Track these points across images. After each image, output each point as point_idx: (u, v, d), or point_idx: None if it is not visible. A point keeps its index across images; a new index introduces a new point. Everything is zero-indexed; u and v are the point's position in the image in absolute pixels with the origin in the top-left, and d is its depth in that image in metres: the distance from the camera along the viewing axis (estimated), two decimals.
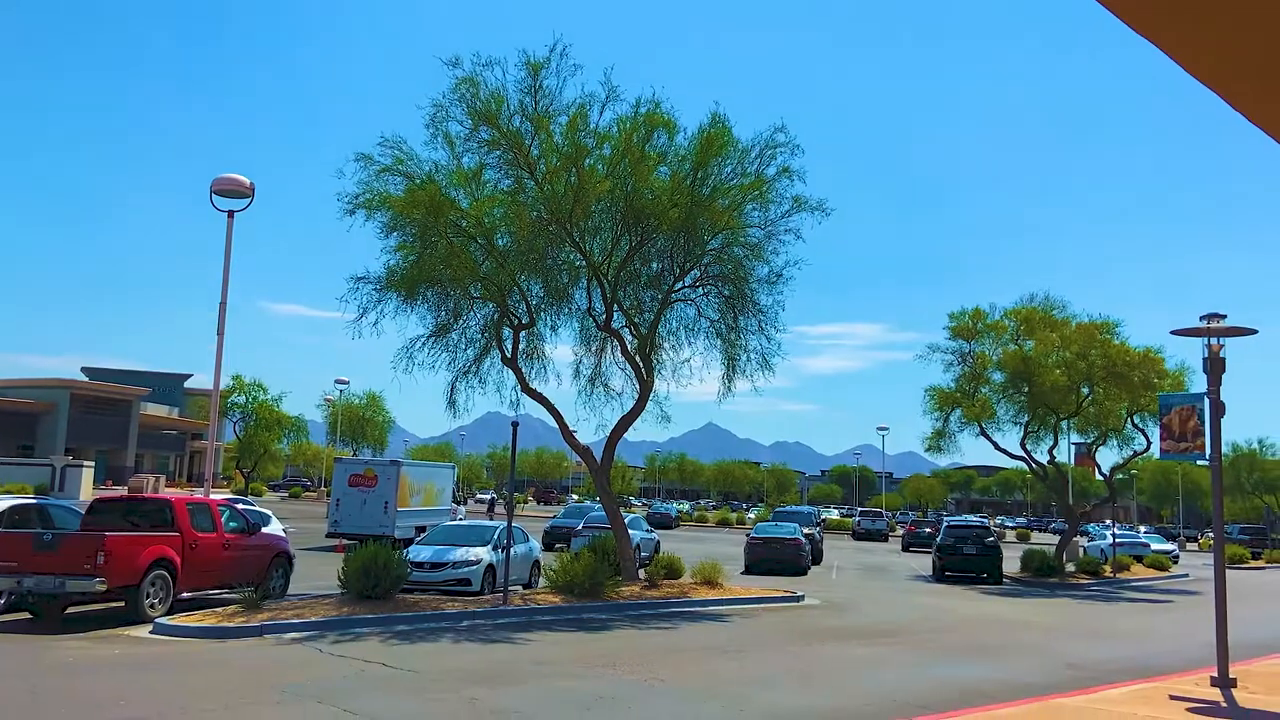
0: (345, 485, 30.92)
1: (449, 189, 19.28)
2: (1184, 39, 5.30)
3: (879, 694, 11.10)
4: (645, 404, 21.36)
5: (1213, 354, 12.42)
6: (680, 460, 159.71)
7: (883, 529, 62.42)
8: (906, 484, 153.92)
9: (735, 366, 21.39)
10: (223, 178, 19.36)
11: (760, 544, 30.26)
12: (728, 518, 77.91)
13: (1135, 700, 10.81)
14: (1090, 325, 32.34)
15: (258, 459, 79.96)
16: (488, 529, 20.53)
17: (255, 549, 17.09)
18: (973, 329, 33.90)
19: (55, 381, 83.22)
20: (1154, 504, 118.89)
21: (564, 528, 35.33)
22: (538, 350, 22.07)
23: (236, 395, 75.14)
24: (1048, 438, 35.22)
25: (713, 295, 21.45)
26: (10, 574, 13.82)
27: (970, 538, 31.93)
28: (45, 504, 17.61)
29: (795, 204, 20.14)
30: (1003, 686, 11.75)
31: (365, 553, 16.39)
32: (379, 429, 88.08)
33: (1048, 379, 31.61)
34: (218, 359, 19.65)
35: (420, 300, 19.88)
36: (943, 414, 34.54)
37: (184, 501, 16.40)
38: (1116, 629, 20.05)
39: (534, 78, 18.93)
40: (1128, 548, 40.78)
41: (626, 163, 19.16)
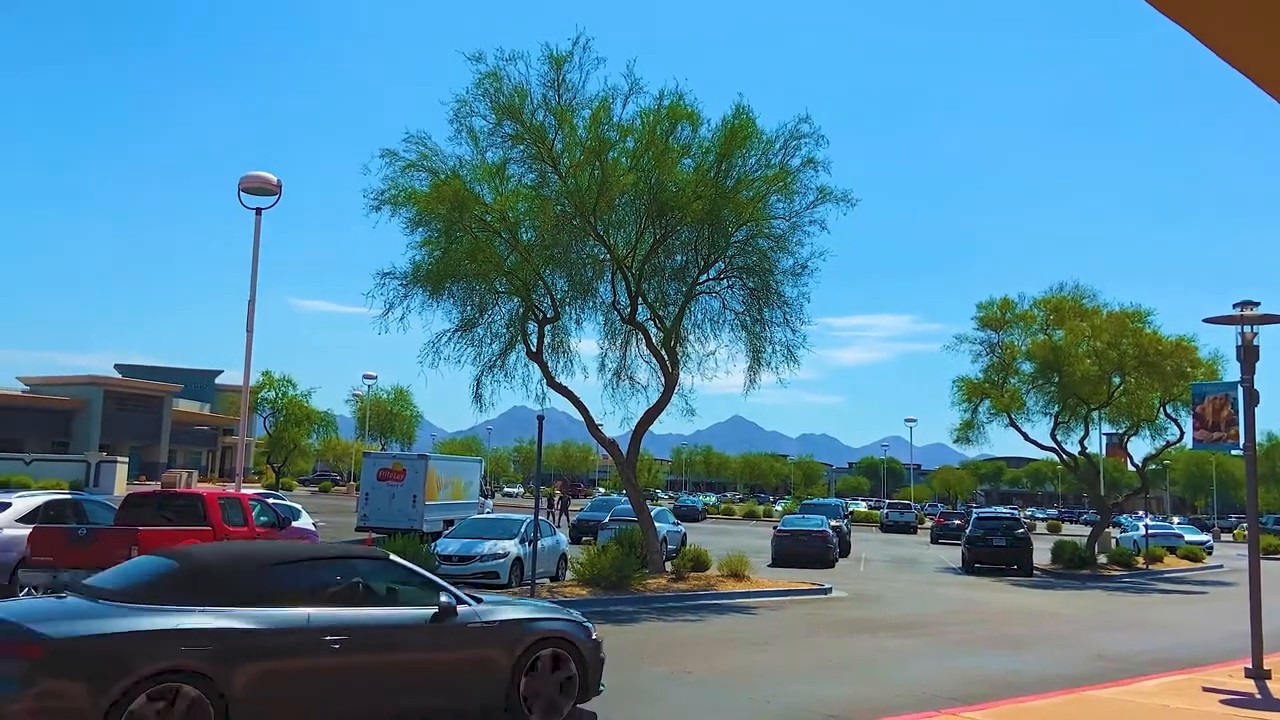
0: (374, 479, 31.15)
1: (473, 184, 19.34)
2: (1221, 24, 5.21)
3: (908, 686, 11.04)
4: (670, 397, 21.35)
5: (1246, 342, 12.23)
6: (706, 453, 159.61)
7: (911, 521, 62.06)
8: (935, 476, 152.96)
9: (760, 359, 21.34)
10: (250, 175, 19.55)
11: (787, 536, 30.18)
12: (754, 510, 77.76)
13: (1168, 692, 10.69)
14: (1121, 314, 31.96)
15: (288, 454, 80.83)
16: (515, 522, 20.63)
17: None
18: (1001, 319, 33.62)
19: (89, 379, 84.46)
20: (1188, 494, 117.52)
21: (591, 521, 35.44)
22: (563, 344, 22.13)
23: (267, 391, 75.98)
24: (1078, 428, 34.90)
25: (737, 287, 21.39)
26: (46, 568, 14.03)
27: (1000, 529, 31.68)
28: (80, 499, 17.86)
29: (820, 195, 20.05)
30: (1033, 678, 11.66)
31: (394, 546, 16.52)
32: (407, 423, 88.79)
33: (1078, 369, 31.29)
34: (247, 355, 19.87)
35: (446, 295, 19.97)
36: (971, 405, 34.30)
37: (216, 496, 16.58)
38: (1149, 620, 19.84)
39: (557, 71, 18.94)
40: (1161, 539, 40.27)
41: (650, 155, 19.13)
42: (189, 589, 7.12)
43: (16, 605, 7.48)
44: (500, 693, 8.08)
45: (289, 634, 7.15)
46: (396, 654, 7.72)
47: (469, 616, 8.14)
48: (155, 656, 6.52)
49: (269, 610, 7.16)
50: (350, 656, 7.37)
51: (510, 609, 8.68)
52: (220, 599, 7.05)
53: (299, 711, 7.15)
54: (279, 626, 7.13)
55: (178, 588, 7.14)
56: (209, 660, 6.67)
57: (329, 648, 7.26)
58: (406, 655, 7.78)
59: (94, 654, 6.41)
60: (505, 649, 8.19)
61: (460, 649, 8.04)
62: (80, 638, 6.43)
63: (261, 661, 6.94)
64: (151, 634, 6.61)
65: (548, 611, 9.05)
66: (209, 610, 6.91)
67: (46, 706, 6.18)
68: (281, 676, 7.04)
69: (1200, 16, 5.15)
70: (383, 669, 7.57)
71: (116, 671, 6.35)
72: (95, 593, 7.19)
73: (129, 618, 6.68)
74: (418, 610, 7.95)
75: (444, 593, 8.13)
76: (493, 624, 8.28)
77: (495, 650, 8.15)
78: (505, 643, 8.23)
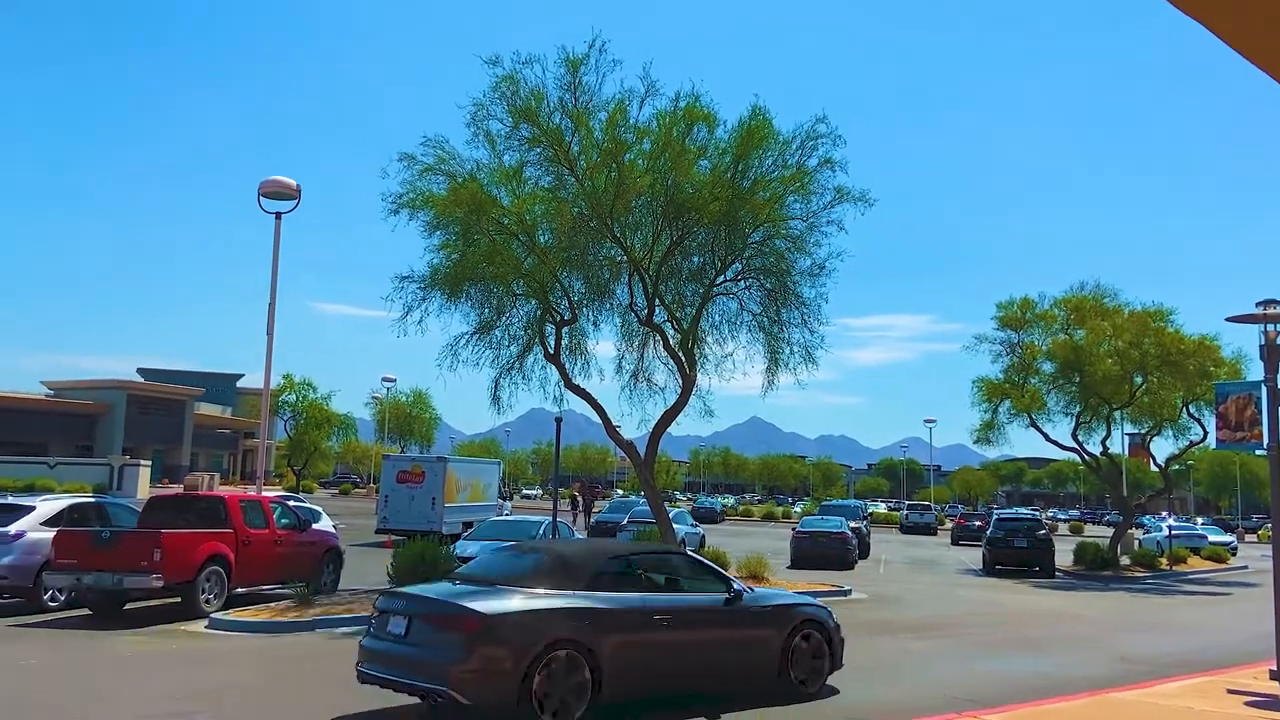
0: (393, 482, 31.29)
1: (490, 187, 19.39)
2: None
3: (929, 688, 10.99)
4: (688, 398, 21.31)
5: (1269, 340, 12.10)
6: (724, 454, 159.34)
7: (931, 523, 61.78)
8: (955, 477, 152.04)
9: (778, 360, 21.26)
10: (270, 180, 19.70)
11: (806, 538, 30.09)
12: (773, 512, 77.57)
13: (1191, 694, 10.60)
14: (1143, 313, 31.68)
15: (308, 456, 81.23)
16: (533, 525, 20.67)
17: (306, 545, 17.36)
18: (1021, 319, 33.41)
19: (113, 383, 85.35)
20: (1211, 495, 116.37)
21: (609, 522, 35.46)
22: (580, 346, 22.13)
23: (287, 394, 76.39)
24: (1100, 428, 34.62)
25: (754, 288, 21.33)
26: (70, 571, 14.18)
27: (1021, 530, 31.48)
28: (103, 502, 18.03)
29: (837, 195, 19.95)
30: (1055, 680, 11.58)
31: (414, 548, 16.59)
32: (426, 426, 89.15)
33: (1100, 369, 31.04)
34: (268, 359, 20.02)
35: (464, 298, 20.01)
36: (991, 405, 34.09)
37: (237, 499, 16.71)
38: (1172, 622, 19.66)
39: (573, 74, 18.95)
40: (1184, 540, 39.87)
41: (667, 157, 19.12)
42: (561, 577, 8.90)
43: (440, 589, 9.09)
44: (774, 663, 9.95)
45: (632, 613, 8.98)
46: (702, 631, 9.58)
47: (750, 601, 10.06)
48: (554, 629, 8.31)
49: (617, 594, 9.03)
50: (672, 632, 9.22)
51: (779, 597, 10.93)
52: (584, 586, 8.86)
53: (641, 672, 8.93)
54: (626, 607, 8.98)
55: (552, 576, 8.91)
56: (586, 632, 8.48)
57: (659, 624, 9.13)
58: (709, 632, 9.63)
59: (515, 627, 8.18)
60: (777, 628, 10.05)
61: (746, 627, 9.92)
62: (505, 614, 8.21)
63: (618, 634, 8.73)
64: (550, 611, 8.44)
65: (804, 600, 11.09)
66: (580, 594, 8.75)
67: (484, 668, 7.95)
68: (631, 646, 8.84)
69: (1202, 4, 5.11)
70: (694, 642, 9.46)
71: (532, 640, 8.14)
72: (474, 580, 9.08)
73: (532, 599, 8.49)
74: (714, 596, 9.85)
75: (733, 582, 10.16)
76: (768, 608, 10.25)
77: (770, 629, 10.03)
78: (777, 623, 10.10)
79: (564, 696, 8.25)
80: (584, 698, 8.37)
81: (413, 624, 8.38)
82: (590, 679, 8.40)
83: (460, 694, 7.90)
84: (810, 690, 10.09)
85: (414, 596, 8.79)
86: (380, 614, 8.83)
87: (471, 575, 9.36)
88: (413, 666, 8.16)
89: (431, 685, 8.02)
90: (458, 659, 7.91)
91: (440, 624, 8.23)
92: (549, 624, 8.31)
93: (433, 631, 8.21)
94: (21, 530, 15.02)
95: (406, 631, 8.38)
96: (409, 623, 8.41)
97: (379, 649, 8.55)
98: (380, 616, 8.81)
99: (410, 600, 8.73)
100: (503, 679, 7.96)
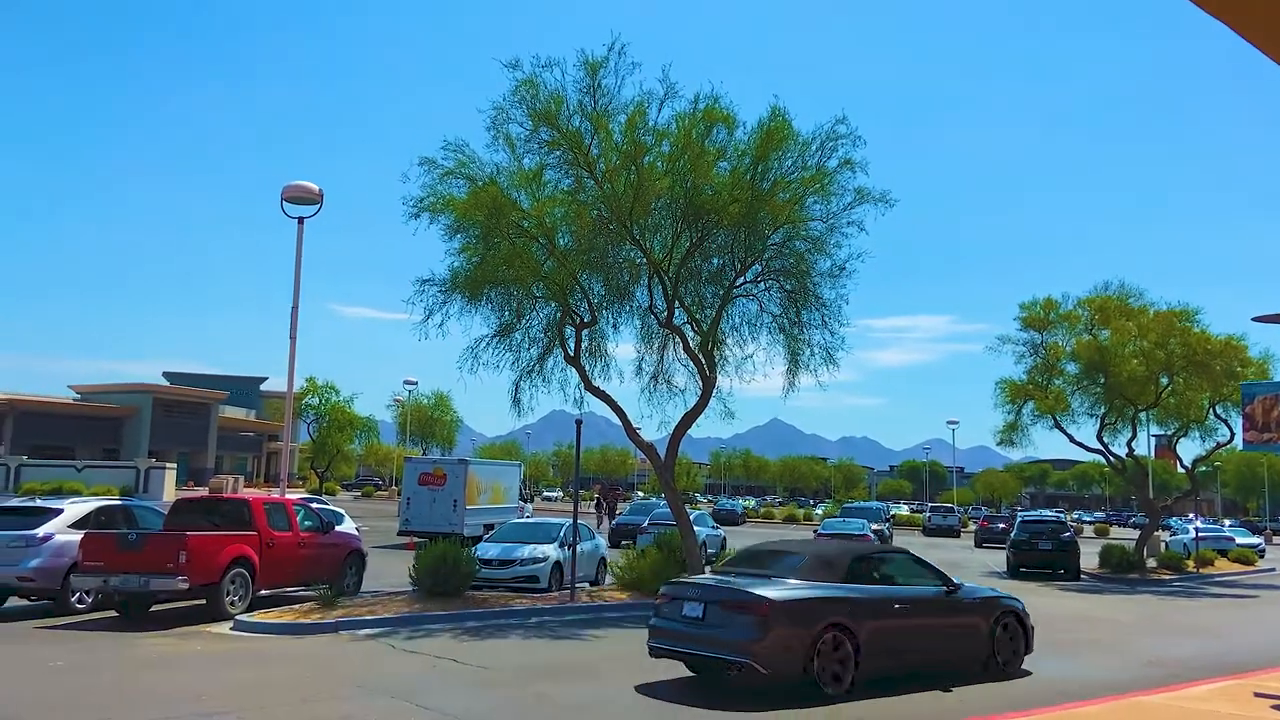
0: (415, 484, 31.41)
1: (510, 190, 19.46)
2: None
3: (953, 692, 10.91)
4: (708, 400, 21.29)
5: None
6: (745, 456, 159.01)
7: (954, 525, 61.32)
8: (978, 479, 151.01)
9: (799, 361, 21.18)
10: (292, 185, 19.85)
11: (828, 540, 29.97)
12: (795, 514, 77.29)
13: (1219, 698, 10.48)
14: (1169, 313, 31.32)
15: (331, 459, 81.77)
16: (554, 526, 20.70)
17: (329, 547, 17.47)
18: (1045, 319, 33.12)
19: (139, 386, 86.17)
20: (1239, 497, 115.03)
21: (630, 524, 35.45)
22: (600, 348, 22.14)
23: (310, 397, 76.94)
24: (1125, 430, 34.28)
25: (774, 290, 21.27)
26: (97, 573, 14.33)
27: (1046, 533, 31.23)
28: (130, 505, 18.19)
29: (858, 196, 19.86)
30: (1082, 684, 11.47)
31: (435, 550, 16.65)
32: (447, 428, 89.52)
33: (1125, 369, 30.73)
34: (291, 362, 20.16)
35: (484, 301, 20.09)
36: (1015, 407, 33.80)
37: (261, 501, 16.83)
38: (1199, 625, 19.43)
39: (592, 77, 18.98)
40: (1211, 542, 39.42)
41: (686, 159, 19.11)
42: (824, 572, 10.74)
43: (723, 580, 10.84)
44: (983, 647, 11.74)
45: (879, 602, 10.77)
46: (930, 618, 11.36)
47: (964, 594, 11.88)
48: (828, 613, 10.16)
49: (866, 586, 10.84)
50: (908, 618, 11.03)
51: (984, 591, 12.66)
52: (840, 579, 10.68)
53: (887, 651, 10.62)
54: (875, 597, 10.77)
55: (816, 571, 10.71)
56: (849, 617, 10.27)
57: (899, 611, 10.95)
58: (934, 619, 11.42)
59: (799, 611, 10.07)
60: (985, 617, 11.86)
61: (961, 616, 11.71)
62: (790, 600, 10.10)
63: (871, 619, 10.48)
64: (824, 599, 10.30)
65: (1004, 594, 12.85)
66: (840, 586, 10.57)
67: (777, 644, 9.78)
68: (880, 629, 10.58)
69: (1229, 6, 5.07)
70: (924, 627, 11.25)
71: (812, 622, 10.00)
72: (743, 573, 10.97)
73: (806, 589, 10.33)
74: (936, 589, 11.66)
75: (950, 577, 12.05)
76: (978, 599, 12.11)
77: (979, 618, 11.82)
78: (985, 613, 11.92)
79: (835, 670, 10.10)
80: (849, 671, 10.19)
81: (709, 609, 10.22)
82: (852, 656, 10.20)
83: (760, 665, 9.75)
84: (1011, 671, 11.83)
85: (707, 586, 10.71)
86: (671, 600, 10.78)
87: (738, 569, 11.35)
88: (713, 643, 10.06)
89: (734, 657, 9.83)
90: (756, 637, 9.77)
91: (736, 608, 10.03)
92: (823, 609, 10.20)
93: (729, 614, 10.03)
94: (50, 533, 15.19)
95: (704, 615, 10.25)
96: (705, 607, 10.26)
97: (673, 629, 10.53)
98: (671, 602, 10.74)
99: (703, 589, 10.59)
100: (792, 653, 9.84)
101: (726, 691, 10.05)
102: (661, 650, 10.70)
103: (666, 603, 10.85)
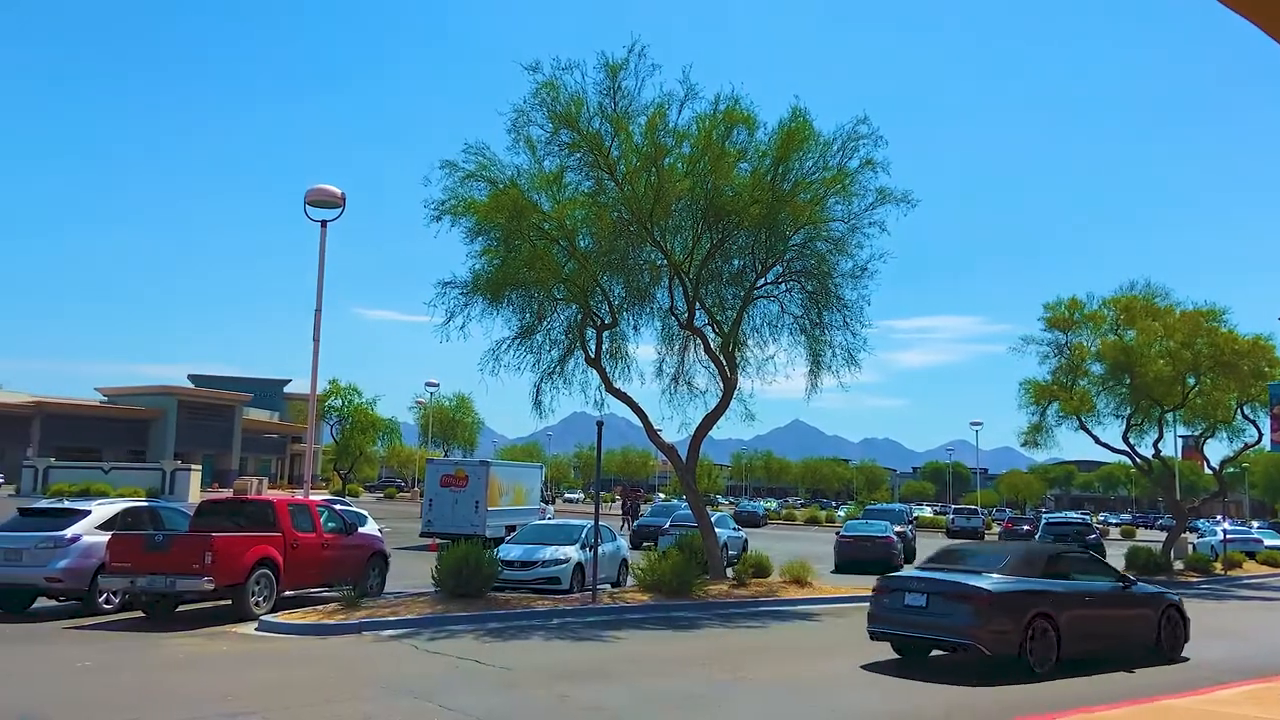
0: (437, 486, 31.52)
1: (531, 193, 19.51)
2: None
3: (977, 695, 10.83)
4: (729, 402, 21.27)
5: None
6: (767, 458, 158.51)
7: (978, 527, 60.79)
8: (1002, 480, 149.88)
9: (820, 363, 21.15)
10: (315, 189, 19.95)
11: (850, 542, 29.82)
12: (816, 516, 76.96)
13: (1247, 701, 10.34)
14: (1195, 313, 30.99)
15: (354, 461, 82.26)
16: (576, 528, 20.71)
17: (353, 548, 17.56)
18: (1069, 319, 32.84)
19: (164, 389, 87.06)
20: (1268, 498, 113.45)
21: (651, 526, 35.42)
22: (621, 350, 22.18)
23: (333, 399, 77.38)
24: (1152, 430, 33.93)
25: (796, 291, 21.24)
26: (124, 574, 14.46)
27: (1071, 535, 31.02)
28: (156, 506, 18.31)
29: (879, 196, 19.81)
30: (1109, 687, 11.36)
31: (457, 552, 16.70)
32: (469, 430, 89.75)
33: (1151, 370, 30.44)
34: (314, 365, 20.27)
35: (505, 303, 20.16)
36: (1039, 408, 33.52)
37: (285, 503, 16.92)
38: (1227, 628, 19.18)
39: (613, 79, 19.02)
40: (1239, 544, 38.87)
41: (706, 160, 19.11)
42: (1028, 568, 12.49)
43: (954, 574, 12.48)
44: (1151, 637, 13.36)
45: (1072, 594, 12.50)
46: (1111, 609, 13.14)
47: (1136, 589, 13.64)
48: (1034, 604, 11.85)
49: (1060, 580, 12.57)
50: (1095, 609, 12.81)
51: (1152, 587, 14.51)
52: (1040, 574, 12.46)
53: (1081, 637, 12.37)
54: (1068, 590, 12.49)
55: (1019, 567, 12.45)
56: (1051, 606, 11.99)
57: (1087, 603, 12.71)
58: (1114, 610, 13.19)
59: (1013, 601, 11.74)
60: (1153, 609, 13.48)
61: (1135, 608, 13.42)
62: (1005, 592, 11.81)
63: (1067, 609, 12.20)
64: (1030, 592, 11.99)
65: (1167, 590, 14.77)
66: (1041, 580, 12.33)
67: (998, 629, 11.55)
68: (1075, 617, 12.28)
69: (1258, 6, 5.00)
70: (1106, 617, 13.03)
71: (1024, 610, 11.72)
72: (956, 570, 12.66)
73: (1016, 583, 12.03)
74: (1113, 583, 13.44)
75: (1125, 574, 14.09)
76: (1147, 593, 13.82)
77: (1149, 609, 13.46)
78: (1154, 605, 13.54)
79: (1043, 653, 11.74)
80: (1052, 654, 11.81)
81: (931, 599, 11.98)
82: (1055, 640, 11.84)
83: (983, 647, 11.54)
84: (1173, 656, 13.46)
85: (929, 579, 12.35)
86: (890, 591, 12.54)
87: (942, 565, 13.12)
88: (938, 628, 11.91)
89: (960, 640, 11.72)
90: (979, 623, 11.50)
91: (958, 598, 11.78)
92: (1030, 600, 11.85)
93: (952, 604, 11.77)
94: (78, 534, 15.35)
95: (927, 604, 11.99)
96: (927, 598, 12.01)
97: (895, 615, 12.33)
98: (891, 594, 12.50)
99: (926, 582, 12.29)
100: (1009, 637, 11.55)
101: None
102: (883, 634, 12.60)
103: (886, 594, 12.59)
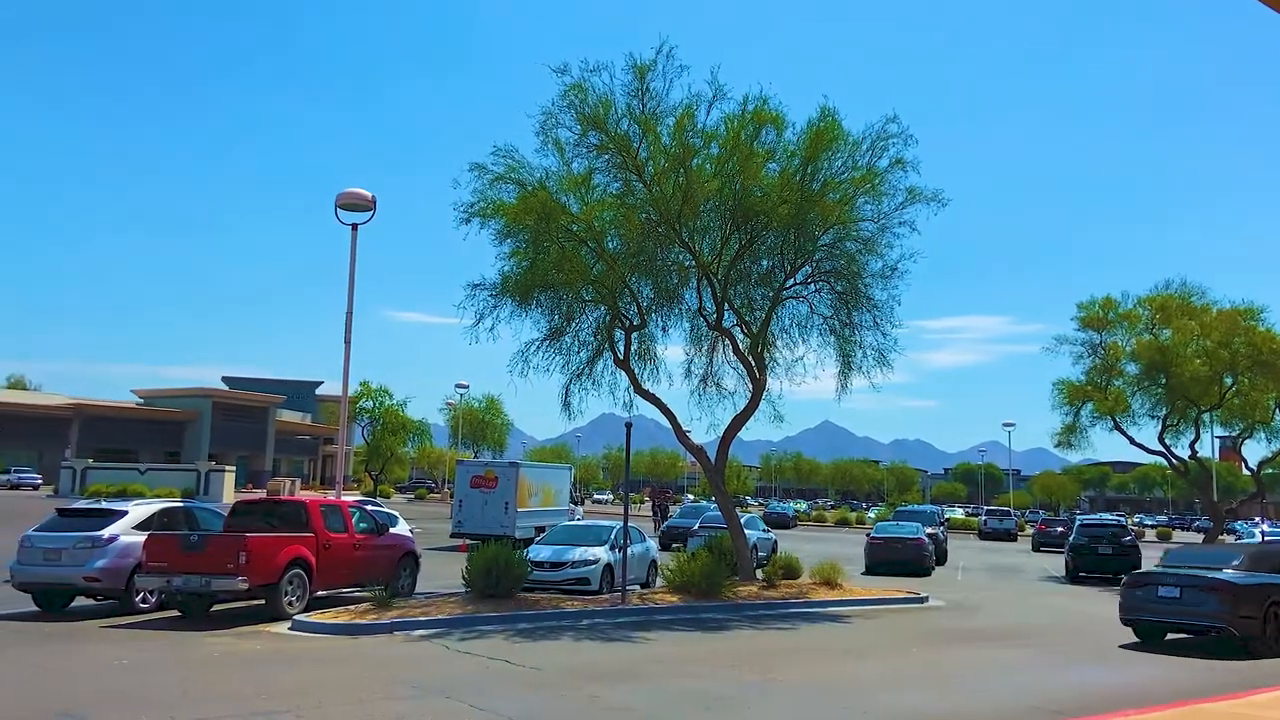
0: (467, 487, 31.68)
1: (559, 194, 19.56)
2: None
3: (1011, 698, 10.74)
4: (758, 403, 21.21)
5: None
6: (796, 459, 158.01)
7: (1011, 528, 60.16)
8: (1035, 481, 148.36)
9: (851, 364, 21.02)
10: (346, 192, 20.16)
11: (881, 544, 29.62)
12: (846, 517, 76.56)
13: None
14: (1233, 312, 30.58)
15: (385, 462, 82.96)
16: (605, 529, 20.74)
17: (384, 549, 17.69)
18: (1103, 319, 32.48)
19: (199, 391, 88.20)
20: None
21: (680, 527, 35.40)
22: (649, 351, 22.17)
23: (364, 401, 78.08)
24: (1188, 431, 33.48)
25: (825, 292, 21.13)
26: (161, 573, 14.66)
27: (1106, 537, 30.54)
28: (191, 507, 18.53)
29: (909, 196, 19.67)
30: (1143, 690, 11.21)
31: (487, 552, 16.78)
32: (498, 431, 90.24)
33: (1187, 369, 30.03)
34: (345, 367, 20.47)
35: (534, 305, 20.23)
36: (1073, 408, 33.19)
37: (318, 504, 17.08)
38: None
39: (640, 81, 19.01)
40: None
41: (735, 161, 19.06)
42: (1261, 565, 14.81)
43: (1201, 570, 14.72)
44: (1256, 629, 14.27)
45: None
46: None
47: None
48: (1270, 595, 14.22)
49: None
50: None
51: None
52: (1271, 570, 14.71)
53: None
54: None
55: (1258, 564, 14.82)
56: None
57: None
58: None
59: (1255, 592, 14.18)
60: (1257, 604, 14.28)
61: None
62: (1247, 584, 14.22)
63: None
64: (1266, 584, 14.32)
65: None
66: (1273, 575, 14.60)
67: (1245, 615, 14.02)
68: None
69: None
70: None
71: (1263, 599, 14.16)
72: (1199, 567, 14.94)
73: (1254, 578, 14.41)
74: None
75: None
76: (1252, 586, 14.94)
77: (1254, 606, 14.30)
78: (1257, 599, 14.33)
79: (1276, 635, 14.09)
80: None
81: (1185, 591, 14.42)
82: None
83: (1235, 630, 13.99)
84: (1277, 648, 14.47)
85: (1181, 574, 14.76)
86: (1143, 585, 15.15)
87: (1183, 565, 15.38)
88: (1193, 615, 14.38)
89: (1214, 624, 14.14)
90: (1229, 611, 13.96)
91: (1208, 590, 14.20)
92: (1266, 590, 14.22)
93: (1204, 595, 14.21)
94: (115, 534, 15.57)
95: (1180, 595, 14.43)
96: (1181, 590, 14.45)
97: (1149, 605, 14.87)
98: (1144, 587, 15.07)
99: (1178, 576, 14.70)
100: (1253, 621, 13.97)
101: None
102: (1137, 621, 15.16)
103: (1139, 587, 15.13)
